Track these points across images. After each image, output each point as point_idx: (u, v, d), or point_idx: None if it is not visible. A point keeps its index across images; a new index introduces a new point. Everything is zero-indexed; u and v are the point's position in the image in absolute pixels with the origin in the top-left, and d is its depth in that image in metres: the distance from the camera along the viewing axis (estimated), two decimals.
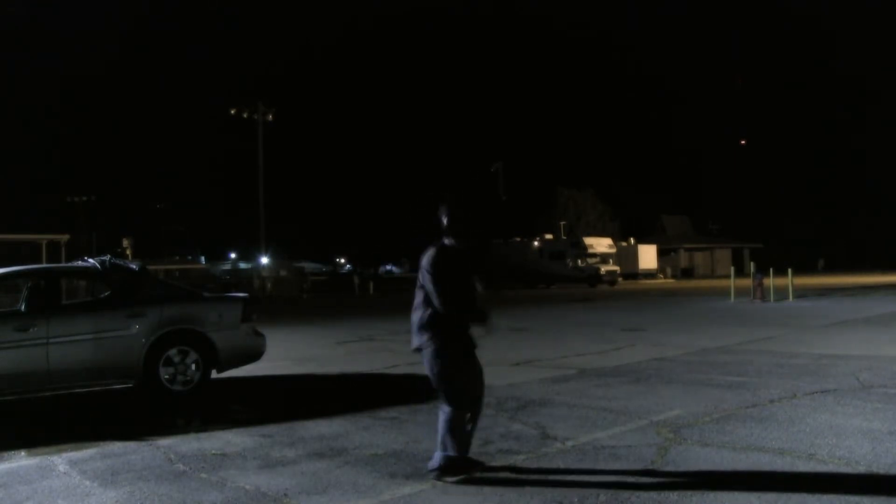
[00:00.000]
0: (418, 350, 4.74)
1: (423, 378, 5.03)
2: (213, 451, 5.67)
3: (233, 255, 77.31)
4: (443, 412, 4.71)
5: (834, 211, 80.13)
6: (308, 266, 66.61)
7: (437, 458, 4.74)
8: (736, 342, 11.96)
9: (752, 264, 28.37)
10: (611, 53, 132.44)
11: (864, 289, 30.18)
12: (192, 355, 8.20)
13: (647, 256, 55.72)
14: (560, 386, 8.22)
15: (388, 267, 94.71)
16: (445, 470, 4.70)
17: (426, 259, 4.67)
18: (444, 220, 4.72)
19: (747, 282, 25.10)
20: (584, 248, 46.35)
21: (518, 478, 4.80)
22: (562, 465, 5.03)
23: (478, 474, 4.78)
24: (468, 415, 4.74)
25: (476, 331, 4.85)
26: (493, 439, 5.79)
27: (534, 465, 5.07)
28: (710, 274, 64.99)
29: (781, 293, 23.64)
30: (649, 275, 54.96)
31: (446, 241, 4.74)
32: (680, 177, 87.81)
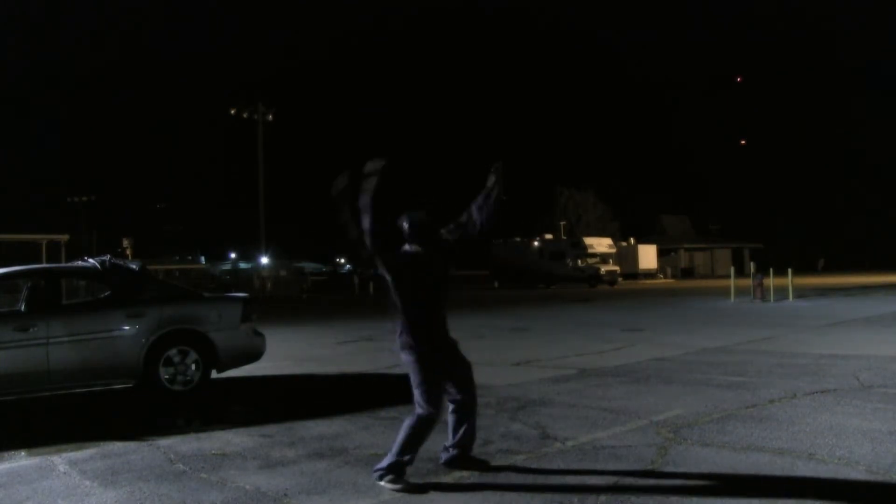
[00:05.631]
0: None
1: None
2: (213, 451, 5.68)
3: (233, 255, 77.26)
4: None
5: (833, 211, 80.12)
6: (308, 266, 66.52)
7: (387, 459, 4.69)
8: (736, 342, 11.96)
9: (752, 264, 28.37)
10: (611, 53, 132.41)
11: (864, 289, 30.18)
12: (192, 355, 8.20)
13: (647, 256, 55.71)
14: (560, 386, 8.22)
15: None
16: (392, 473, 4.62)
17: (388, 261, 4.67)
18: (407, 227, 4.72)
19: (747, 282, 25.10)
20: (584, 248, 46.33)
21: (518, 478, 4.80)
22: (562, 465, 5.03)
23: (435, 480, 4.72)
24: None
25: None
26: (493, 439, 5.79)
27: (534, 465, 5.07)
28: (710, 274, 65.00)
29: (781, 293, 23.64)
30: (649, 275, 54.95)
31: (408, 247, 4.74)
32: (680, 177, 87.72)
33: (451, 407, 4.85)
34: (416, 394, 4.67)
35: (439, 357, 4.70)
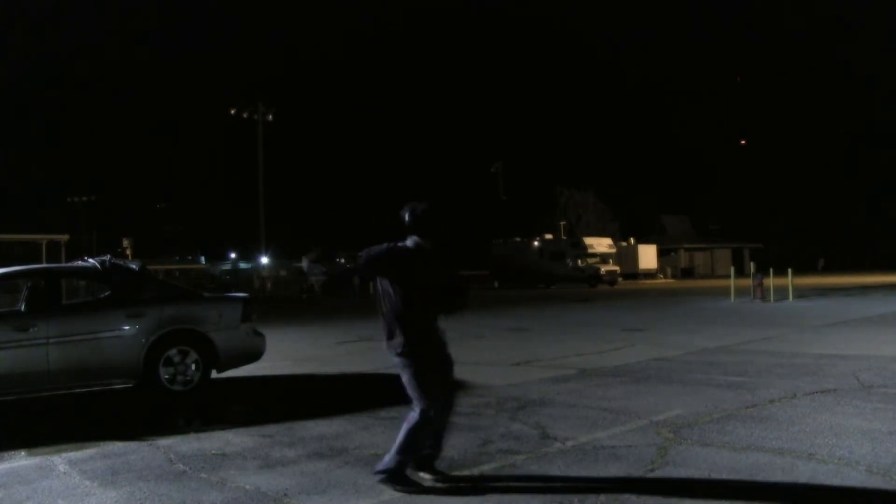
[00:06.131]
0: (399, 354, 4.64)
1: None
2: (213, 451, 5.68)
3: (233, 255, 77.24)
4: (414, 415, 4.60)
5: (834, 211, 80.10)
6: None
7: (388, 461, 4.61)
8: (736, 342, 11.96)
9: (752, 264, 28.35)
10: (611, 54, 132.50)
11: (864, 289, 30.18)
12: (192, 355, 8.21)
13: (647, 256, 55.70)
14: (560, 386, 8.22)
15: None
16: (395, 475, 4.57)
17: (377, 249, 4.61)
18: (408, 217, 4.63)
19: (747, 282, 25.10)
20: (584, 248, 46.33)
21: (518, 478, 4.80)
22: (562, 465, 5.03)
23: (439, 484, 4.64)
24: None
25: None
26: (493, 439, 5.79)
27: (534, 465, 5.07)
28: (710, 274, 64.99)
29: (781, 293, 23.64)
30: (649, 275, 54.94)
31: (409, 241, 4.66)
32: (680, 177, 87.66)
33: None
34: (414, 397, 4.60)
35: (436, 358, 4.63)
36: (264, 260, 49.03)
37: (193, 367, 8.21)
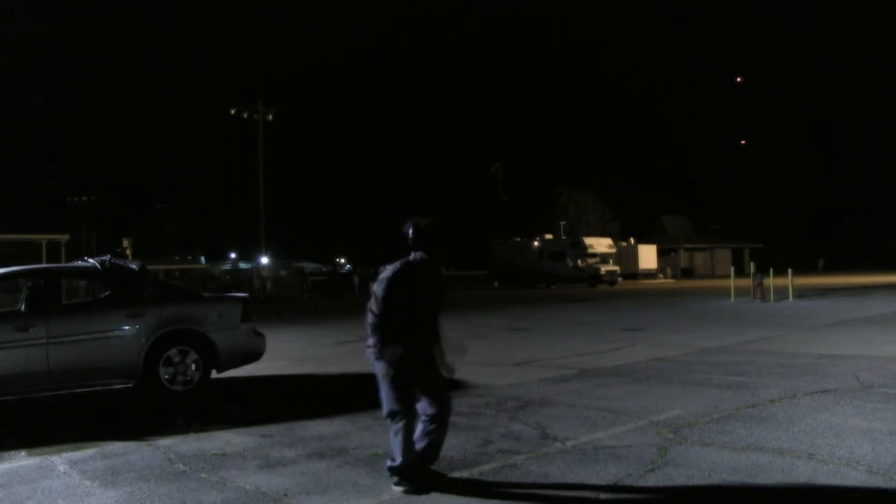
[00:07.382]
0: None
1: None
2: (213, 451, 5.68)
3: (233, 255, 77.26)
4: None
5: (833, 211, 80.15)
6: (308, 266, 66.54)
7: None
8: (736, 342, 11.96)
9: (752, 264, 28.35)
10: (611, 53, 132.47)
11: (863, 289, 30.17)
12: (192, 355, 8.21)
13: (647, 256, 55.68)
14: (560, 386, 8.22)
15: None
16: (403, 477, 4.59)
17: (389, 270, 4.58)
18: (412, 233, 4.60)
19: (747, 282, 25.10)
20: (584, 248, 46.32)
21: (518, 478, 4.80)
22: (562, 465, 5.03)
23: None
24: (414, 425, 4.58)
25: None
26: (494, 439, 5.79)
27: (534, 465, 5.07)
28: (710, 274, 64.97)
29: (781, 293, 23.64)
30: (649, 275, 54.92)
31: (413, 255, 4.62)
32: (680, 177, 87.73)
33: (422, 418, 4.66)
34: (384, 406, 4.58)
35: (414, 372, 4.56)
36: (264, 260, 49.02)
37: (193, 367, 8.21)
